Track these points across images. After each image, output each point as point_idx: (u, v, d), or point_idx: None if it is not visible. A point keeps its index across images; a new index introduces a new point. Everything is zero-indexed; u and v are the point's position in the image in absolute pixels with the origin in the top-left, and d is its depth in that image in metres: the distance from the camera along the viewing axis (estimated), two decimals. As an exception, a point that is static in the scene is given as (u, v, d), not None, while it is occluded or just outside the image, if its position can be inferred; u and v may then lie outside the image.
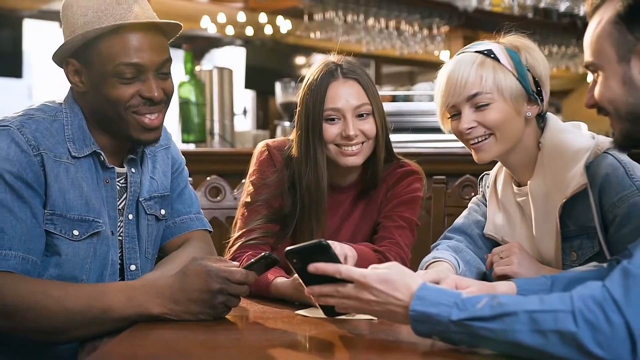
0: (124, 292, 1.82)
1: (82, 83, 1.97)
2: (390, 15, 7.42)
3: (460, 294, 1.48)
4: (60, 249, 1.93)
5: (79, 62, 1.96)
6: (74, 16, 1.93)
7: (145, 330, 1.74)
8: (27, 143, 1.89)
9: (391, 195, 2.41)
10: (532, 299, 1.40)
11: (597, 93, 1.58)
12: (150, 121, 1.98)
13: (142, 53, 1.92)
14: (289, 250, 1.67)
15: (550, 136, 2.03)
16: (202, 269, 1.81)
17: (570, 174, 1.96)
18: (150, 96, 1.94)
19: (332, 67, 2.33)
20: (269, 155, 2.43)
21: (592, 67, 1.59)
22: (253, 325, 1.86)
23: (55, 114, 1.99)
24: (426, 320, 1.47)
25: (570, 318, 1.33)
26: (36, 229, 1.88)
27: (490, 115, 2.00)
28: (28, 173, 1.87)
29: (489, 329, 1.40)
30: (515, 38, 2.07)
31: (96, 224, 1.97)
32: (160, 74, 1.98)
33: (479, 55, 2.01)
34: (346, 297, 1.59)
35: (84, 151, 1.98)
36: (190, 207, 2.24)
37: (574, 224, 1.98)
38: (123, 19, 1.91)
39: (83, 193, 1.95)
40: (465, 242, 2.21)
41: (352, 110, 2.29)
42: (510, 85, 1.99)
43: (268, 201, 2.38)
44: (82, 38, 1.91)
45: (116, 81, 1.92)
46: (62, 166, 1.93)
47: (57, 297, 1.79)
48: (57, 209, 1.91)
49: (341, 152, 2.31)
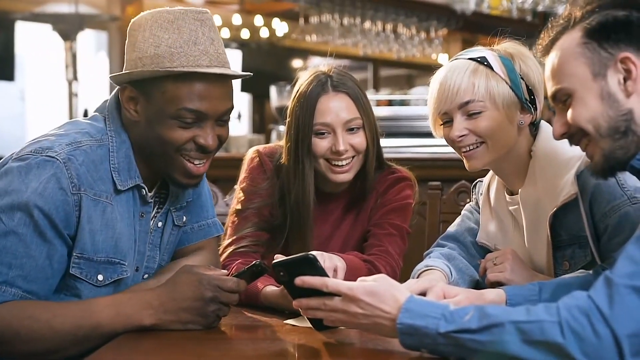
0: (112, 307, 1.80)
1: (136, 112, 1.91)
2: (387, 18, 7.45)
3: (447, 306, 1.51)
4: (82, 292, 1.89)
5: (138, 92, 1.89)
6: (144, 42, 1.86)
7: (132, 341, 1.74)
8: (69, 180, 1.81)
9: (381, 203, 2.42)
10: (519, 310, 1.43)
11: (574, 116, 1.60)
12: (196, 168, 1.93)
13: (207, 101, 1.86)
14: (276, 263, 1.69)
15: (542, 144, 2.05)
16: (193, 277, 1.82)
17: (561, 182, 1.97)
18: (205, 144, 1.89)
19: (323, 78, 2.32)
20: (259, 162, 2.44)
21: (561, 93, 1.62)
22: (242, 334, 1.88)
23: (101, 138, 1.92)
24: (414, 333, 1.49)
25: (557, 328, 1.36)
26: (46, 271, 1.81)
27: (481, 123, 2.01)
28: (60, 213, 1.80)
29: (477, 340, 1.42)
30: (510, 45, 2.08)
31: (121, 269, 1.93)
32: (220, 121, 1.92)
33: (472, 62, 2.02)
34: (333, 310, 1.61)
35: (128, 183, 1.92)
36: (207, 211, 2.21)
37: (566, 233, 1.99)
38: (196, 62, 1.84)
39: (115, 234, 1.90)
40: (458, 250, 2.23)
41: (342, 124, 2.29)
42: (503, 93, 2.00)
43: (259, 209, 2.39)
44: (151, 74, 1.84)
45: (174, 124, 1.86)
46: (100, 206, 1.87)
47: (45, 320, 1.76)
48: (85, 253, 1.86)
49: (331, 169, 2.32)
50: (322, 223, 2.42)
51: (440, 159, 3.74)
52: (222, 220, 2.75)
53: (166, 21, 1.86)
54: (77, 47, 7.16)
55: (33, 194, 1.77)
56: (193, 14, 1.89)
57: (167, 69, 1.83)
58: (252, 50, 9.79)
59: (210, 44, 1.88)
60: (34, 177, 1.79)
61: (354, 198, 2.44)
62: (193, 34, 1.86)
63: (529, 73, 2.04)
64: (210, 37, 1.89)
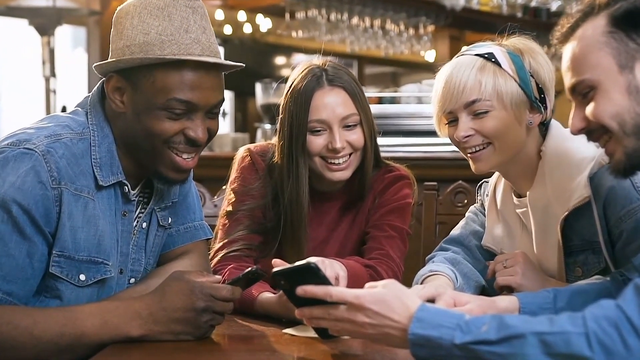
0: (97, 316, 1.73)
1: (122, 103, 1.85)
2: (375, 14, 7.38)
3: (463, 315, 1.43)
4: (63, 293, 1.82)
5: (125, 81, 1.84)
6: (133, 30, 1.81)
7: (120, 353, 1.68)
8: (49, 174, 1.75)
9: (380, 203, 2.35)
10: (541, 320, 1.35)
11: (596, 111, 1.52)
12: (185, 162, 1.87)
13: (198, 92, 1.81)
14: (276, 272, 1.61)
15: (552, 144, 1.98)
16: (185, 286, 1.74)
17: (572, 185, 1.90)
18: (195, 137, 1.84)
19: (317, 72, 2.25)
20: (251, 162, 2.36)
21: (582, 86, 1.54)
22: (238, 345, 1.81)
23: (82, 131, 1.86)
24: (427, 344, 1.41)
25: (583, 341, 1.29)
26: (26, 270, 1.75)
27: (488, 123, 1.94)
28: (39, 208, 1.74)
29: (496, 353, 1.34)
30: (519, 40, 2.01)
31: (105, 268, 1.87)
32: (210, 114, 1.88)
33: (479, 58, 1.95)
34: (339, 319, 1.53)
35: (110, 179, 1.86)
36: (194, 212, 2.14)
37: (578, 238, 1.93)
38: (188, 50, 1.80)
39: (97, 232, 1.84)
40: (462, 254, 2.17)
41: (339, 121, 2.22)
42: (512, 92, 1.93)
43: (251, 210, 2.32)
44: (141, 62, 1.79)
45: (163, 115, 1.81)
46: (81, 201, 1.81)
47: (24, 327, 1.69)
48: (66, 251, 1.80)
49: (327, 167, 2.25)
50: (318, 225, 2.35)
51: (436, 158, 3.68)
52: (210, 222, 2.68)
53: (156, 8, 1.81)
54: (55, 42, 7.05)
55: (11, 188, 1.71)
56: (184, 1, 1.83)
57: (157, 57, 1.78)
58: (235, 47, 9.71)
59: (202, 32, 1.83)
60: (12, 170, 1.73)
61: (351, 198, 2.37)
62: (184, 21, 1.81)
63: (539, 70, 1.97)
64: (202, 26, 1.84)
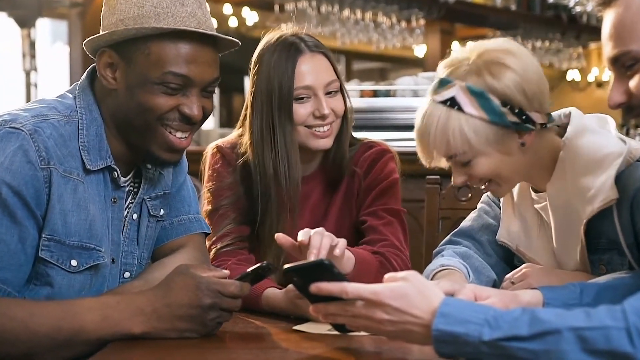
0: (97, 311, 1.68)
1: (114, 79, 1.82)
2: (366, 6, 7.34)
3: (490, 309, 1.36)
4: (54, 280, 1.77)
5: (119, 56, 1.80)
6: (126, 3, 1.78)
7: (123, 351, 1.62)
8: (37, 153, 1.71)
9: (368, 185, 2.31)
10: (577, 314, 1.30)
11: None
12: (179, 141, 1.84)
13: (195, 66, 1.79)
14: (288, 268, 1.55)
15: (574, 135, 1.89)
16: (191, 281, 1.68)
17: (595, 183, 1.81)
18: (190, 114, 1.81)
19: (295, 40, 2.21)
20: (222, 156, 2.32)
21: (627, 57, 1.45)
22: (247, 343, 1.75)
23: (70, 114, 1.82)
24: (452, 341, 1.35)
25: (624, 336, 1.23)
26: (19, 256, 1.71)
27: (477, 169, 1.86)
28: (29, 189, 1.70)
29: (529, 350, 1.29)
30: (486, 51, 1.85)
31: (97, 254, 1.82)
32: (205, 92, 1.85)
33: (443, 109, 1.82)
34: (356, 316, 1.47)
35: (98, 164, 1.82)
36: (189, 205, 2.10)
37: (604, 237, 1.85)
38: (184, 23, 1.77)
39: (88, 216, 1.80)
40: (473, 249, 2.11)
41: (324, 87, 2.19)
42: (483, 134, 1.81)
43: (234, 203, 2.27)
44: (136, 33, 1.76)
45: (158, 89, 1.78)
46: (70, 183, 1.77)
47: (20, 319, 1.64)
48: (56, 235, 1.75)
49: (312, 134, 2.21)
50: (301, 209, 2.29)
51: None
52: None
53: None
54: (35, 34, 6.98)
55: (0, 170, 1.67)
56: None
57: (153, 27, 1.75)
58: (220, 41, 9.66)
59: (199, 7, 1.81)
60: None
61: (331, 176, 2.33)
62: None
63: (506, 91, 1.81)
64: (198, 0, 1.82)
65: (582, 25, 8.74)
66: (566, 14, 8.64)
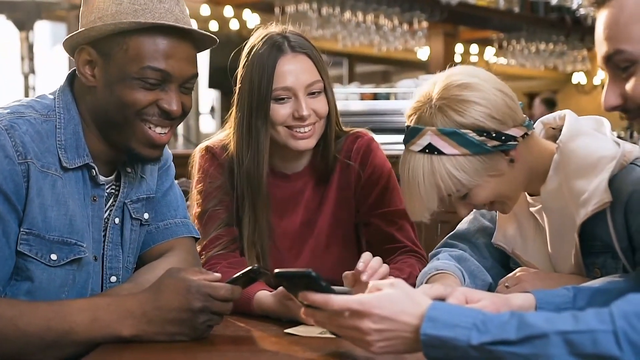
0: (87, 312, 1.69)
1: (92, 76, 1.84)
2: (368, 8, 7.34)
3: (479, 313, 1.37)
4: (34, 274, 1.79)
5: (97, 53, 1.83)
6: (104, 1, 1.81)
7: (113, 353, 1.63)
8: (14, 148, 1.74)
9: (367, 181, 2.34)
10: (565, 317, 1.30)
11: (638, 89, 1.44)
12: (158, 137, 1.86)
13: (173, 61, 1.82)
14: (278, 273, 1.57)
15: (567, 138, 1.90)
16: (181, 284, 1.69)
17: (589, 186, 1.82)
18: (169, 109, 1.83)
19: (279, 39, 2.23)
20: (211, 156, 2.34)
21: (621, 58, 1.45)
22: (239, 346, 1.76)
23: (48, 113, 1.85)
24: (441, 346, 1.36)
25: (611, 339, 1.24)
26: (3, 251, 1.73)
27: (476, 199, 1.90)
28: (8, 183, 1.72)
29: (517, 354, 1.29)
30: (442, 100, 1.83)
31: (78, 249, 1.84)
32: (184, 88, 1.87)
33: (423, 157, 1.84)
34: (342, 326, 1.47)
35: (75, 162, 1.84)
36: (175, 210, 2.11)
37: (598, 240, 1.86)
38: (162, 19, 1.80)
39: (68, 211, 1.82)
40: (469, 251, 2.12)
41: (304, 88, 2.21)
42: (469, 168, 1.84)
43: (224, 203, 2.29)
44: (114, 28, 1.79)
45: (137, 84, 1.80)
46: (49, 179, 1.79)
47: (9, 318, 1.65)
48: (35, 229, 1.77)
49: (292, 135, 2.23)
50: (293, 206, 2.34)
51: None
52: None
53: None
54: (34, 37, 7.00)
55: None
56: None
57: (131, 22, 1.78)
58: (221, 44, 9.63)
59: (176, 4, 1.85)
60: None
61: (321, 172, 2.35)
62: None
63: (475, 121, 1.82)
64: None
65: (587, 27, 8.72)
66: (570, 16, 8.64)
